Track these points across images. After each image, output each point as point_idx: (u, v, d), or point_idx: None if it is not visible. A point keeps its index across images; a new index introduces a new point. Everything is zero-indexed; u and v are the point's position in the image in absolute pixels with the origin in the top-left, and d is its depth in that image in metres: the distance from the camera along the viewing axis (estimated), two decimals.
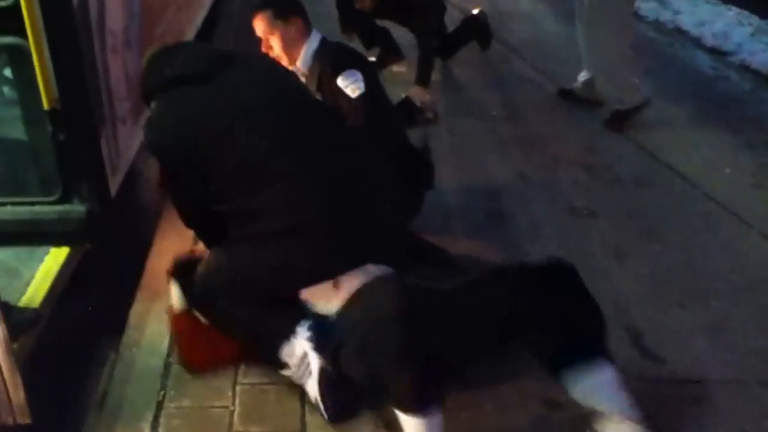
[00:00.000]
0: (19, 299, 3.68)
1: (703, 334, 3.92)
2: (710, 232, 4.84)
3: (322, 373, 3.26)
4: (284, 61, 4.24)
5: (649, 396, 3.41)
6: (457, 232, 4.75)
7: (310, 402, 3.39)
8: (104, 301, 4.05)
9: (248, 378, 3.58)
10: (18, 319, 3.40)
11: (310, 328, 3.31)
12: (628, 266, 4.48)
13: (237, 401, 3.46)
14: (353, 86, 4.10)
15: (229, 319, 3.52)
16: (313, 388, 3.29)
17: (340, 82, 4.12)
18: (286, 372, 3.46)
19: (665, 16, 9.15)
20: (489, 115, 6.50)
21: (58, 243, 4.04)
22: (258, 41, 4.33)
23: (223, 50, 3.89)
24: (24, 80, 3.86)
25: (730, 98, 7.05)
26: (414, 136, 4.58)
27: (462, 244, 4.54)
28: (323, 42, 4.36)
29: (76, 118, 3.91)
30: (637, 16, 8.43)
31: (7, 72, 4.01)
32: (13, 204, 4.04)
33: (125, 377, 3.60)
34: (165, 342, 3.79)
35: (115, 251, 4.25)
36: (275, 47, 4.26)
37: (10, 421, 2.97)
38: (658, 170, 5.62)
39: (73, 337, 3.74)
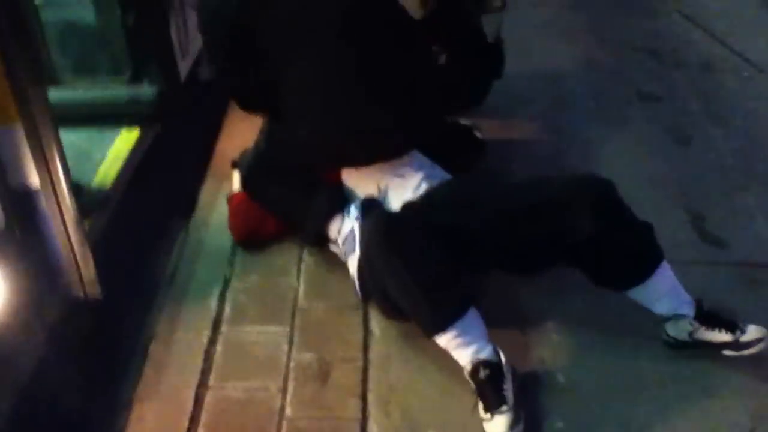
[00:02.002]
0: (90, 181, 3.72)
1: (764, 217, 3.87)
2: None
3: None
4: None
5: (708, 279, 3.41)
6: (522, 116, 4.72)
7: None
8: (174, 182, 4.11)
9: (313, 256, 3.62)
10: (89, 201, 3.45)
11: (357, 207, 3.29)
12: (692, 150, 4.42)
13: (302, 278, 3.52)
14: None
15: (271, 198, 3.61)
16: (353, 266, 3.25)
17: None
18: (333, 248, 3.49)
19: None
20: (555, 2, 6.39)
21: (128, 124, 4.07)
22: None
23: None
24: None
25: None
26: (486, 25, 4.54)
27: (526, 128, 4.54)
28: None
29: (145, 2, 3.99)
30: None
31: None
32: (85, 86, 4.11)
33: (194, 255, 3.69)
34: None
35: (185, 133, 4.29)
36: None
37: (80, 295, 3.04)
38: (725, 56, 5.49)
39: (144, 218, 3.79)
